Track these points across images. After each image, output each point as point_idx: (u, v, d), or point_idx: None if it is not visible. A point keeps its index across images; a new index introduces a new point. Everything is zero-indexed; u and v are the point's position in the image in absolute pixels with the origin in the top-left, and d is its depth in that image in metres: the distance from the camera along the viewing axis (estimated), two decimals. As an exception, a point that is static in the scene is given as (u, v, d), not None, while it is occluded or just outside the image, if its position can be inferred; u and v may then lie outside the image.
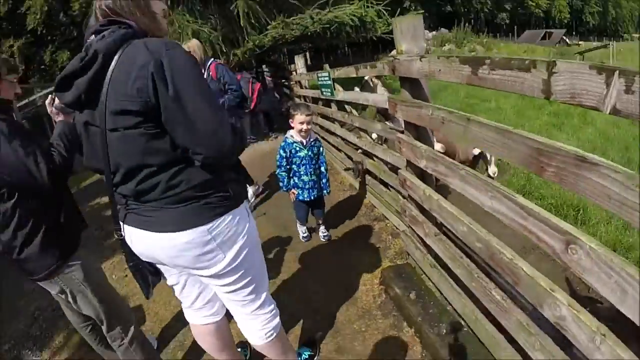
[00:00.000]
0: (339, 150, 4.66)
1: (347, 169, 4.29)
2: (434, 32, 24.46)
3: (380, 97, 2.86)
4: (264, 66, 9.22)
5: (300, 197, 2.99)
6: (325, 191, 3.08)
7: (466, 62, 1.46)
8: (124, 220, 1.28)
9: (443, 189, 2.79)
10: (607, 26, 62.07)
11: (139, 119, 1.08)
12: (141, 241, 1.26)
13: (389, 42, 8.65)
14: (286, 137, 2.96)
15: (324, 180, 3.06)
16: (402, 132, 2.39)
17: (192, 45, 3.32)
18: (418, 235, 2.33)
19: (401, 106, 2.19)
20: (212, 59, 3.56)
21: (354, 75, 3.35)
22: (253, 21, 6.55)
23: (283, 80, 9.23)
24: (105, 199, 4.74)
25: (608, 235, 2.90)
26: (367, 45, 24.96)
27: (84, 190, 6.17)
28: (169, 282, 1.50)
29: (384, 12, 6.88)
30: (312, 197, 2.99)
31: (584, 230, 1.96)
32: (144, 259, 1.35)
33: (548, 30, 35.10)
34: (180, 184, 1.17)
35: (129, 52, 1.08)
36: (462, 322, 1.96)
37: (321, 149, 3.06)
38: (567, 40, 33.36)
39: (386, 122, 3.24)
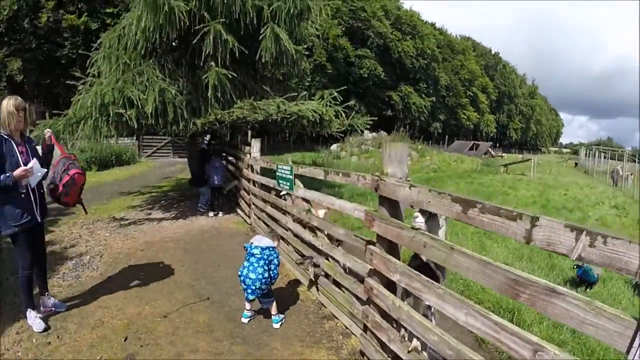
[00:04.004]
0: (288, 243, 4.78)
1: (299, 263, 4.25)
2: (373, 134, 25.46)
3: (349, 205, 3.13)
4: (208, 136, 8.99)
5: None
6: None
7: (457, 202, 1.91)
8: None
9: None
10: (527, 140, 73.21)
11: None
12: None
13: (331, 137, 9.26)
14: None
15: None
16: (372, 244, 2.74)
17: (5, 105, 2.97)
18: (379, 339, 2.54)
19: (379, 222, 2.55)
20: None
21: (321, 178, 3.50)
22: (219, 94, 6.56)
23: (229, 157, 9.17)
24: None
25: (541, 333, 3.35)
26: (307, 136, 25.89)
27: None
28: None
29: (342, 113, 7.67)
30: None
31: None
32: None
33: (475, 142, 38.16)
34: None
35: None
36: None
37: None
38: (492, 152, 36.41)
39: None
